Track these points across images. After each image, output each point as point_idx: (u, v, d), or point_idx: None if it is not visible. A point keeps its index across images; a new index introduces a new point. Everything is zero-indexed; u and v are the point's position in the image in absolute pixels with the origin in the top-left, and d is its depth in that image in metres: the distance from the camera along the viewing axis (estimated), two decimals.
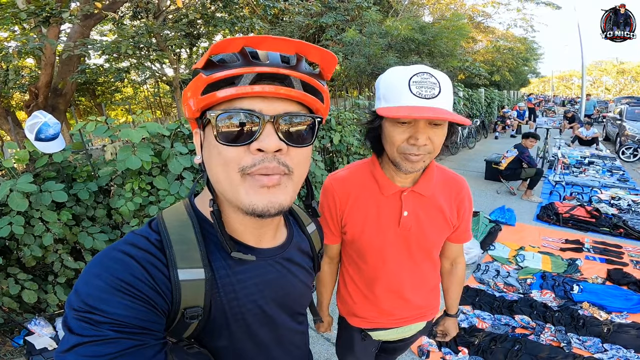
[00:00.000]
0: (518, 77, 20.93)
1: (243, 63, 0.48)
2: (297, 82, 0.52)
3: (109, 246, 0.52)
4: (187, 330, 0.55)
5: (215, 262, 0.57)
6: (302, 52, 0.53)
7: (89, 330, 0.42)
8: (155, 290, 0.49)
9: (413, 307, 1.14)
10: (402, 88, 0.81)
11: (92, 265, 0.49)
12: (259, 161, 0.50)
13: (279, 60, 0.50)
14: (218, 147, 0.51)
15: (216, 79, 0.48)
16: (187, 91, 0.53)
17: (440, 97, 0.81)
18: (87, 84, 10.36)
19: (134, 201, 2.23)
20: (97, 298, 0.44)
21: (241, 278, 0.59)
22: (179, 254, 0.53)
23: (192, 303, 0.53)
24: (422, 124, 0.82)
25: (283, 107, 0.51)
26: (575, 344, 2.30)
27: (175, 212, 0.59)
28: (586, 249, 3.61)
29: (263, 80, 0.49)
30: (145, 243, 0.52)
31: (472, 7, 15.40)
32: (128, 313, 0.45)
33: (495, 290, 2.99)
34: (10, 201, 1.84)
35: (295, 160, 0.54)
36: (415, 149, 0.84)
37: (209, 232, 0.58)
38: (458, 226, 1.08)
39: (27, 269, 2.17)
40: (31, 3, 3.49)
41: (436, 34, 8.95)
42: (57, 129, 2.07)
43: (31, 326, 2.19)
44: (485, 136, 11.53)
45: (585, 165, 7.17)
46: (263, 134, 0.49)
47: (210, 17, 6.92)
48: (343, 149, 4.18)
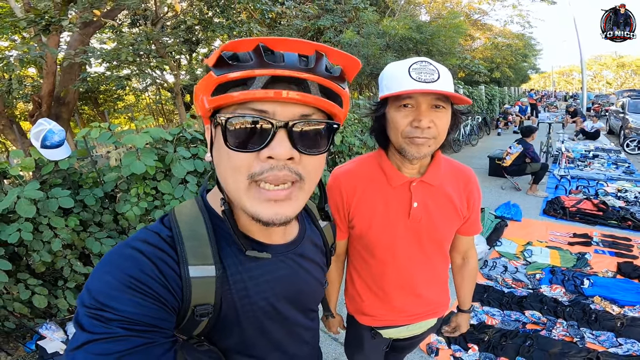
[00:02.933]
0: (518, 74, 20.94)
1: (257, 63, 0.45)
2: (315, 86, 0.48)
3: (121, 242, 0.52)
4: (198, 328, 0.55)
5: (227, 258, 0.56)
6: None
7: (99, 328, 0.42)
8: (165, 287, 0.48)
9: (425, 303, 1.12)
10: (402, 75, 0.83)
11: (103, 262, 0.48)
12: (268, 169, 0.47)
13: (296, 61, 0.46)
14: (227, 151, 0.48)
15: (227, 79, 0.45)
16: (198, 88, 0.51)
17: (440, 82, 0.82)
18: (89, 93, 10.45)
19: (140, 206, 2.23)
20: (107, 295, 0.44)
21: (252, 275, 0.58)
22: (190, 251, 0.52)
23: (203, 300, 0.52)
24: (424, 107, 0.83)
25: (297, 112, 0.48)
26: (588, 338, 2.27)
27: (187, 208, 0.58)
28: (595, 243, 3.58)
29: (277, 83, 0.46)
30: (157, 239, 0.52)
31: (468, 4, 15.44)
32: (138, 310, 0.44)
33: (503, 286, 2.96)
34: (18, 208, 1.84)
35: (308, 168, 0.51)
36: (419, 131, 0.84)
37: (220, 228, 0.57)
38: (468, 217, 1.07)
39: (37, 275, 2.18)
40: (30, 11, 3.52)
41: (433, 33, 8.98)
42: (62, 136, 2.08)
43: (42, 331, 2.20)
44: (487, 133, 11.49)
45: (590, 159, 7.13)
46: (275, 140, 0.47)
47: (208, 22, 6.96)
48: (345, 149, 4.17)
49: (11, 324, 2.15)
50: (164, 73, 8.84)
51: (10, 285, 2.06)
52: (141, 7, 6.32)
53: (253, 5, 7.04)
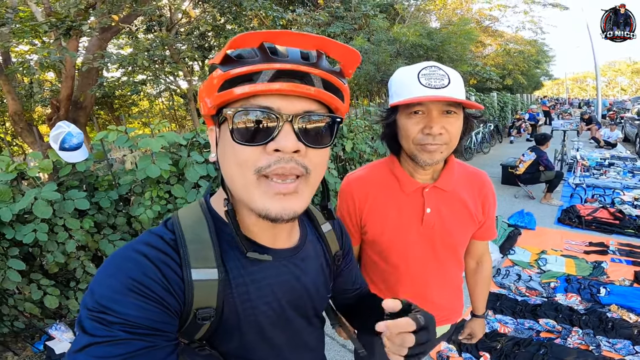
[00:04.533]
0: (530, 80, 20.67)
1: (262, 59, 0.46)
2: (318, 80, 0.50)
3: (124, 245, 0.52)
4: (199, 332, 0.54)
5: (229, 262, 0.56)
6: (323, 48, 0.50)
7: (101, 331, 0.42)
8: (167, 290, 0.48)
9: (438, 310, 1.10)
10: (412, 81, 0.82)
11: (106, 264, 0.48)
12: (275, 162, 0.48)
13: (299, 57, 0.48)
14: (234, 146, 0.49)
15: (234, 75, 0.46)
16: (203, 88, 0.52)
17: (451, 87, 0.81)
18: (105, 98, 10.70)
19: (153, 209, 2.27)
20: (109, 298, 0.44)
21: (255, 278, 0.58)
22: (192, 254, 0.52)
23: (205, 304, 0.52)
24: (435, 113, 0.82)
25: (302, 106, 0.49)
26: (604, 346, 2.22)
27: (190, 211, 0.58)
28: (611, 252, 3.49)
29: (282, 77, 0.47)
30: (160, 242, 0.52)
31: (479, 11, 15.34)
32: (140, 314, 0.44)
33: (516, 294, 2.90)
34: (35, 209, 1.88)
35: (314, 162, 0.52)
36: (431, 138, 0.83)
37: (223, 232, 0.57)
38: (484, 222, 1.06)
39: (50, 275, 2.22)
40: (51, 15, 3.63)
41: (444, 39, 8.96)
42: (80, 139, 2.13)
43: (52, 331, 2.22)
44: (499, 141, 11.32)
45: (605, 167, 6.97)
46: (281, 133, 0.48)
47: (221, 29, 7.09)
48: (356, 156, 4.17)
49: (20, 324, 2.18)
50: (177, 79, 9.01)
51: (23, 285, 2.09)
52: (156, 13, 6.49)
53: (265, 12, 7.15)
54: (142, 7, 4.96)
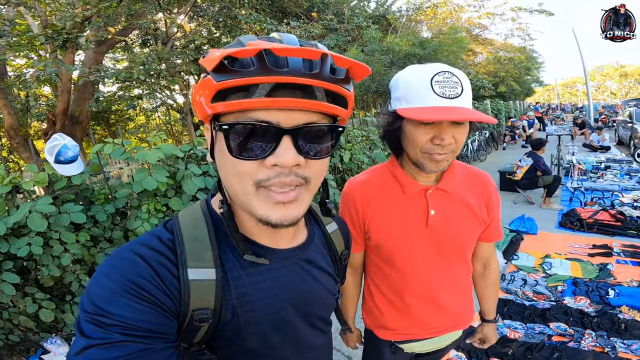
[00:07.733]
0: (522, 87, 20.98)
1: (259, 69, 0.42)
2: (320, 91, 0.46)
3: (123, 245, 0.51)
4: (198, 335, 0.53)
5: (228, 262, 0.54)
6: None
7: (98, 333, 0.42)
8: (164, 291, 0.47)
9: (448, 314, 1.07)
10: (424, 88, 0.79)
11: (103, 265, 0.48)
12: (274, 176, 0.46)
13: (300, 67, 0.44)
14: (231, 159, 0.47)
15: (228, 86, 0.43)
16: (196, 92, 0.48)
17: (463, 96, 0.79)
18: (101, 113, 10.69)
19: (150, 222, 2.22)
20: (105, 300, 0.43)
21: (255, 280, 0.56)
22: (190, 253, 0.51)
23: (202, 304, 0.50)
24: (446, 124, 0.80)
25: (302, 118, 0.46)
26: (620, 348, 2.19)
27: (190, 211, 0.58)
28: (616, 253, 3.48)
29: (281, 90, 0.44)
30: (157, 243, 0.51)
31: (468, 19, 15.64)
32: (135, 316, 0.43)
33: (524, 299, 2.87)
34: (29, 222, 1.85)
35: (314, 171, 0.51)
36: (440, 148, 0.82)
37: (223, 232, 0.56)
38: (490, 223, 1.04)
39: (45, 289, 2.17)
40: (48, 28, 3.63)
41: (436, 48, 9.10)
42: (75, 152, 2.09)
43: (47, 345, 2.17)
44: (495, 148, 11.41)
45: (602, 170, 7.03)
46: (280, 148, 0.45)
47: (216, 42, 7.16)
48: (354, 166, 4.16)
49: (15, 337, 2.12)
50: (173, 93, 9.04)
51: (17, 299, 2.05)
52: (152, 27, 6.53)
53: (259, 25, 7.25)
54: (138, 21, 4.99)
